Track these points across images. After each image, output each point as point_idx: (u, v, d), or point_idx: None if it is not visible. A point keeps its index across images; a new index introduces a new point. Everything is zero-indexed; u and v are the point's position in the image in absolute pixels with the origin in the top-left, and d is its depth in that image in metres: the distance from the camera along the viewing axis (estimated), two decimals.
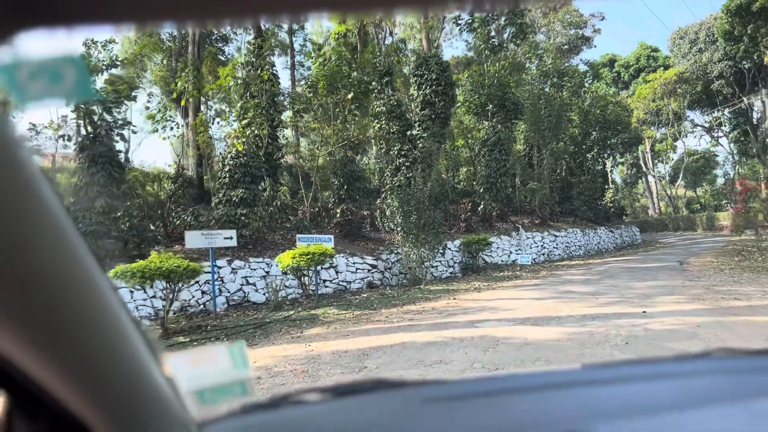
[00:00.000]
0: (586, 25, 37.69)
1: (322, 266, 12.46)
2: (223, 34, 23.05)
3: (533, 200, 22.99)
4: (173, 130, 18.26)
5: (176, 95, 17.80)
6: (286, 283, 12.31)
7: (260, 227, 13.60)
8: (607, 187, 30.99)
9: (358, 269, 14.23)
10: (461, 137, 24.91)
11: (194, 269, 8.63)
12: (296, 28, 29.12)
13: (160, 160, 74.10)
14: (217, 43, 23.01)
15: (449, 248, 16.78)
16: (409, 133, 19.13)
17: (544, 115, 23.63)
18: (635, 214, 48.78)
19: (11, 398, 0.63)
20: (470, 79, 23.74)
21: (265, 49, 16.12)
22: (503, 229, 20.11)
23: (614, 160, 35.43)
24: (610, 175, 35.48)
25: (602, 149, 29.92)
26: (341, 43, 21.09)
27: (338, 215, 16.10)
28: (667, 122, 44.84)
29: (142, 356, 0.69)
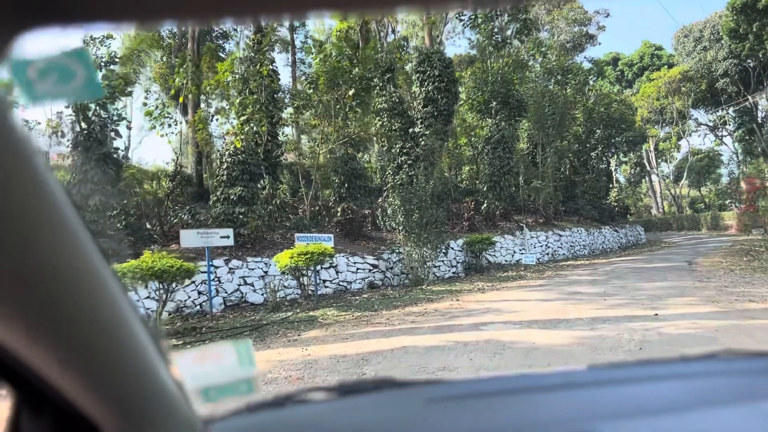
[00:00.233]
0: (590, 22, 37.30)
1: (321, 266, 12.15)
2: (223, 30, 22.71)
3: (537, 199, 22.63)
4: (171, 127, 17.93)
5: (174, 92, 17.47)
6: (285, 283, 12.00)
7: (259, 226, 13.29)
8: (611, 186, 30.61)
9: (358, 269, 13.90)
10: (464, 135, 24.58)
11: (188, 269, 8.34)
12: (297, 25, 28.76)
13: (161, 158, 74.04)
14: (217, 39, 22.68)
15: (452, 248, 16.44)
16: (411, 130, 18.83)
17: (548, 112, 23.26)
18: (638, 213, 48.33)
19: (18, 394, 0.62)
20: (473, 76, 23.40)
21: (264, 44, 15.78)
22: (507, 228, 19.77)
23: (618, 159, 35.07)
24: (614, 174, 35.12)
25: (606, 148, 29.52)
26: (342, 37, 20.76)
27: (339, 214, 15.78)
28: (671, 121, 44.45)
29: (148, 353, 0.69)
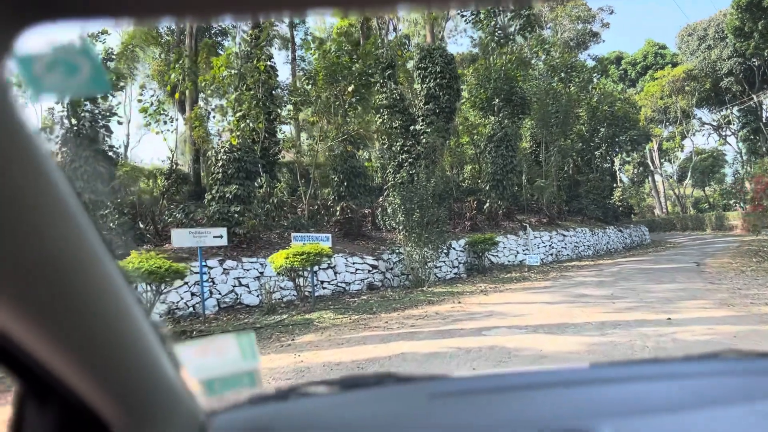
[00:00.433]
0: (594, 19, 36.87)
1: (318, 267, 11.78)
2: (222, 27, 22.35)
3: (540, 198, 22.18)
4: (167, 124, 17.56)
5: (170, 88, 17.09)
6: (281, 284, 11.61)
7: (255, 225, 12.90)
8: (615, 185, 30.17)
9: (357, 270, 13.51)
10: (466, 134, 24.16)
11: (177, 270, 7.96)
12: (298, 22, 28.40)
13: (160, 156, 73.67)
14: (216, 36, 22.32)
15: (453, 248, 16.03)
16: (412, 128, 18.45)
17: (551, 110, 22.84)
18: (642, 213, 47.86)
19: (24, 385, 0.63)
20: (476, 73, 23.01)
21: (261, 39, 15.41)
22: (510, 228, 19.36)
23: (622, 158, 34.62)
24: (618, 173, 34.68)
25: (610, 146, 29.06)
26: (342, 32, 20.38)
27: (338, 213, 15.39)
28: (674, 120, 43.97)
29: (152, 345, 0.69)
